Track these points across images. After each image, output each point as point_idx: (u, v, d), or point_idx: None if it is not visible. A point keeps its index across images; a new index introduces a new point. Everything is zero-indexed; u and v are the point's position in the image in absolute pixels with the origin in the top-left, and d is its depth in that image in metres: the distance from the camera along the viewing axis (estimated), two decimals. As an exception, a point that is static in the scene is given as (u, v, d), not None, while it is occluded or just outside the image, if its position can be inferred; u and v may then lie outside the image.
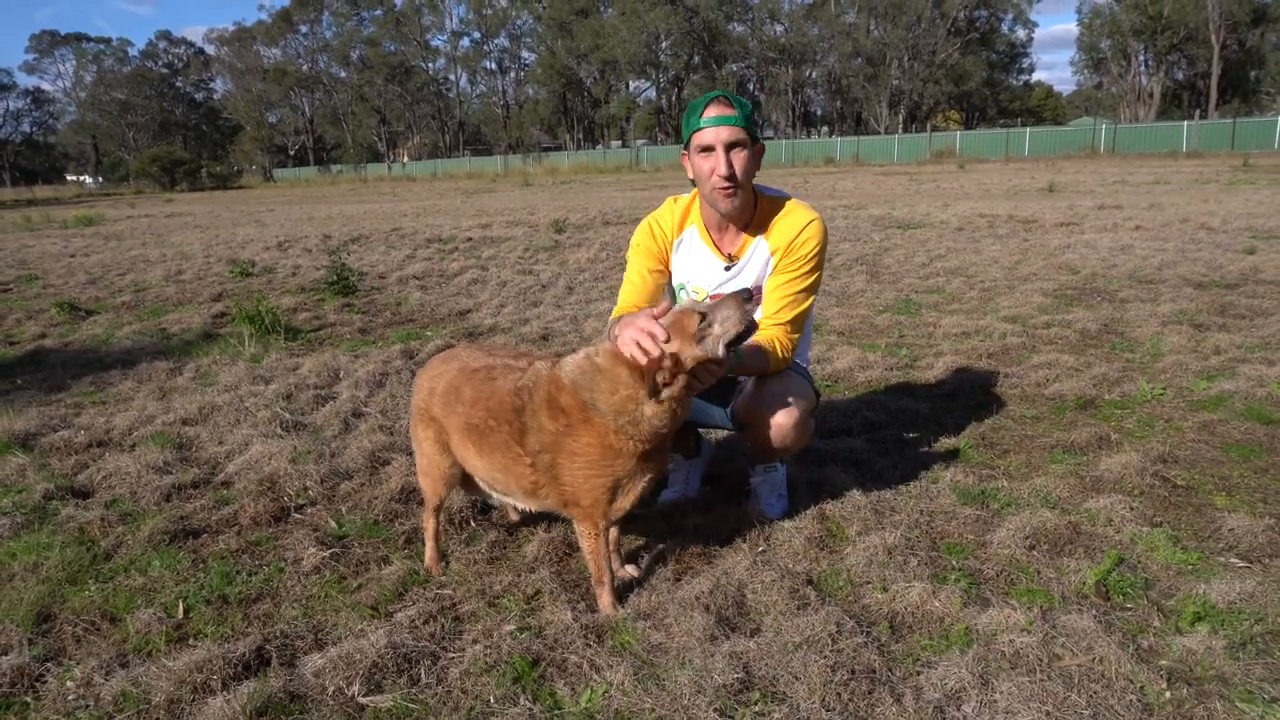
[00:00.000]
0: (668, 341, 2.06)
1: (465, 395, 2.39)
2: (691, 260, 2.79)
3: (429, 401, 2.52)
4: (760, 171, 2.68)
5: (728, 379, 2.58)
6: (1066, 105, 76.80)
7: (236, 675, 2.07)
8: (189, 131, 79.38)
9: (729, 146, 2.52)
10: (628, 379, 2.11)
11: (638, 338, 2.06)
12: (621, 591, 2.41)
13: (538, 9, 67.22)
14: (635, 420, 2.12)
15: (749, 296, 2.14)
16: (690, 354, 2.07)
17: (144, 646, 2.24)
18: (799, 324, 2.70)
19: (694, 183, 2.70)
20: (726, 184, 2.53)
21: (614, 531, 2.51)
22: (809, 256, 2.65)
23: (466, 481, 2.63)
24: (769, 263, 2.69)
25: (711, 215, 2.72)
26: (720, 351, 2.08)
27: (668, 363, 2.06)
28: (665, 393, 2.09)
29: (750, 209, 2.69)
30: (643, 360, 2.05)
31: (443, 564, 2.65)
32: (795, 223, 2.65)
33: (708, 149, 2.54)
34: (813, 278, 2.68)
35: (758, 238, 2.70)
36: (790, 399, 2.64)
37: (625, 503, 2.26)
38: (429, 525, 2.64)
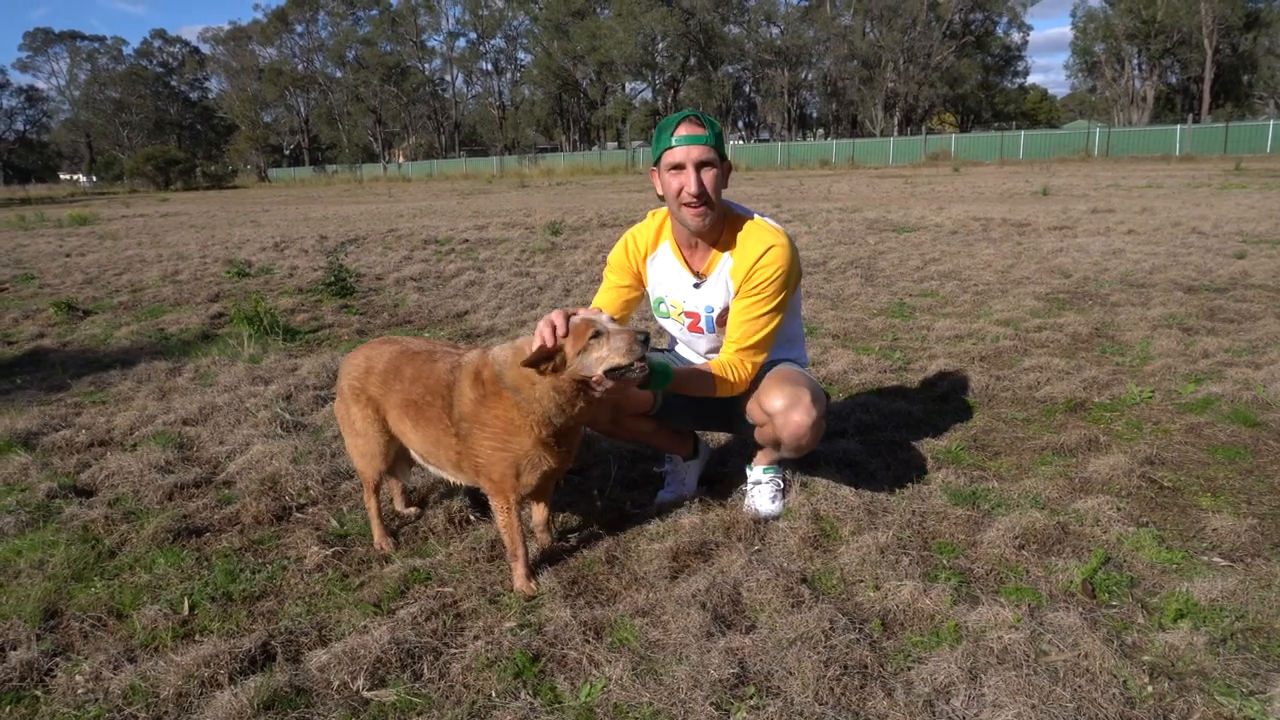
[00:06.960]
0: (565, 336, 2.27)
1: (406, 374, 2.61)
2: (666, 275, 2.89)
3: (365, 380, 2.70)
4: (756, 174, 2.74)
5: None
6: (1061, 108, 77.20)
7: (243, 670, 2.11)
8: (184, 131, 79.23)
9: (699, 165, 2.58)
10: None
11: (544, 327, 2.27)
12: (556, 559, 2.46)
13: (534, 10, 67.31)
14: (529, 399, 2.34)
15: (645, 339, 2.30)
16: (571, 355, 2.28)
17: (151, 642, 2.28)
18: (763, 346, 2.75)
19: (664, 198, 2.75)
20: (696, 201, 2.60)
21: (541, 511, 2.75)
22: (769, 281, 2.68)
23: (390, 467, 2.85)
24: (729, 285, 2.75)
25: (682, 232, 2.79)
26: (595, 371, 2.28)
27: (558, 356, 2.29)
28: (547, 379, 2.31)
29: (719, 227, 2.74)
30: (537, 343, 2.27)
31: (391, 540, 2.82)
32: (756, 248, 2.68)
33: (678, 167, 2.60)
34: (775, 301, 2.71)
35: (724, 256, 2.75)
36: (808, 400, 2.70)
37: (530, 480, 2.46)
38: (370, 504, 2.81)
